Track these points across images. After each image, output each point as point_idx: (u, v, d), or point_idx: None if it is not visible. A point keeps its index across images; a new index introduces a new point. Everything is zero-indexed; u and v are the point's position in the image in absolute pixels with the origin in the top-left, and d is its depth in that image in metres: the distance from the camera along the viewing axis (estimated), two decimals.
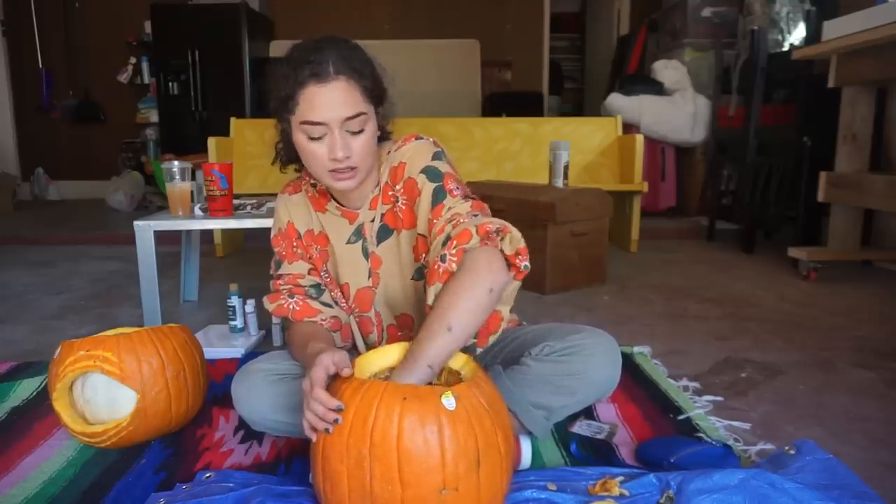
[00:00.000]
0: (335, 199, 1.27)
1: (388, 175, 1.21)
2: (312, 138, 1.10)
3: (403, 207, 1.20)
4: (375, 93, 1.13)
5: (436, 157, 1.18)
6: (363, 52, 1.14)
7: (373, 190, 1.23)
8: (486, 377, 1.02)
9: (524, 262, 1.06)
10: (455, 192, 1.14)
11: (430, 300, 1.05)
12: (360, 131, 1.11)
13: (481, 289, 1.02)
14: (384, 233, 1.24)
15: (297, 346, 1.21)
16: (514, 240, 1.06)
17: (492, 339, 1.12)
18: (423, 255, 1.20)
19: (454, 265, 1.03)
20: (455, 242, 1.03)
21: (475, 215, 1.10)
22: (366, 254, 1.26)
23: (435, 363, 1.00)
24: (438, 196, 1.14)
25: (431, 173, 1.16)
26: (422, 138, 1.21)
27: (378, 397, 0.90)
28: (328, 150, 1.10)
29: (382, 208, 1.23)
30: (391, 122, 1.24)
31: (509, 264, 1.06)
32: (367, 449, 0.88)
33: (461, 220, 1.08)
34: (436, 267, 1.04)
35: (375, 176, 1.22)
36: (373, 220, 1.24)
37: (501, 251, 1.06)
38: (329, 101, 1.07)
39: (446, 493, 0.88)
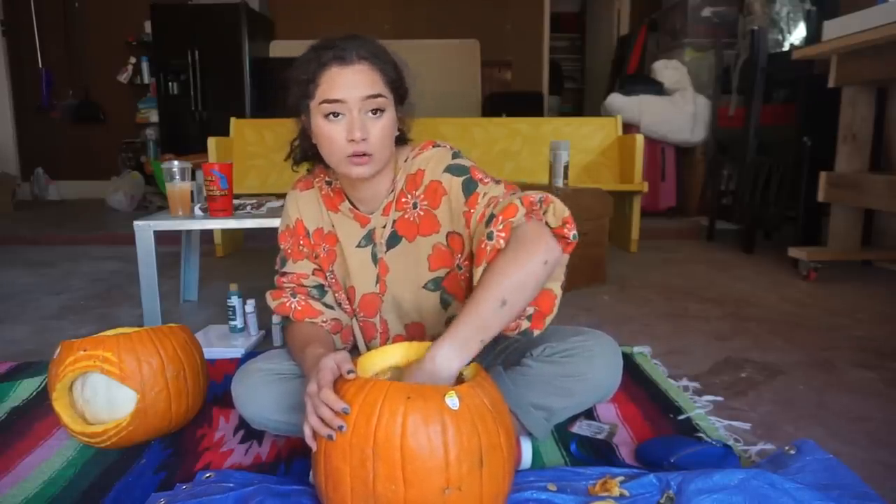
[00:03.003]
0: (349, 201, 1.25)
1: (404, 182, 1.20)
2: (331, 120, 1.09)
3: (422, 213, 1.19)
4: (396, 85, 1.14)
5: (455, 156, 1.18)
6: (386, 49, 1.16)
7: (387, 195, 1.22)
8: (488, 377, 1.02)
9: (572, 232, 1.04)
10: (485, 180, 1.14)
11: (476, 280, 1.02)
12: (380, 115, 1.10)
13: (535, 261, 0.99)
14: (394, 240, 1.22)
15: (297, 346, 1.21)
16: (559, 209, 1.05)
17: (548, 320, 1.09)
18: (458, 254, 1.19)
19: (503, 241, 1.01)
20: (501, 218, 1.01)
21: (513, 194, 1.09)
22: (375, 259, 1.25)
23: (487, 337, 0.97)
24: (470, 187, 1.13)
25: (455, 169, 1.16)
26: (438, 145, 1.21)
27: (382, 396, 0.90)
28: (346, 131, 1.09)
29: (395, 215, 1.21)
30: (410, 123, 1.24)
31: (557, 237, 1.05)
32: (371, 448, 0.88)
33: (500, 200, 1.07)
34: (483, 246, 1.02)
35: (391, 180, 1.21)
36: (384, 227, 1.22)
37: (546, 224, 1.04)
38: (350, 81, 1.08)
39: (449, 492, 0.88)
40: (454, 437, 0.88)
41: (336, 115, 1.09)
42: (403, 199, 1.20)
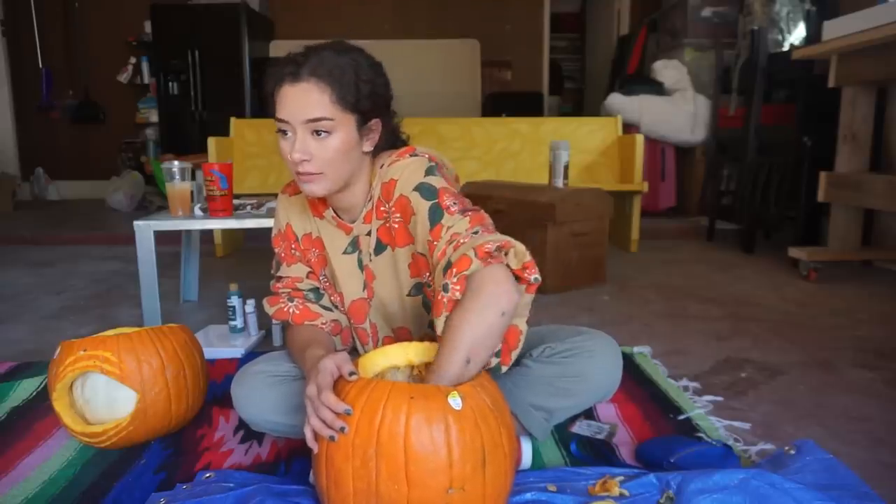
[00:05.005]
0: (333, 209, 1.25)
1: (379, 190, 1.18)
2: (282, 137, 1.10)
3: (396, 225, 1.17)
4: (357, 102, 1.08)
5: (429, 171, 1.13)
6: (359, 60, 1.10)
7: (365, 204, 1.20)
8: (488, 377, 1.02)
9: (533, 275, 1.02)
10: (452, 209, 1.09)
11: (439, 330, 1.01)
12: (325, 137, 1.08)
13: (493, 313, 0.98)
14: (380, 248, 1.22)
15: (297, 350, 1.21)
16: (519, 253, 1.02)
17: (514, 354, 1.08)
18: (426, 274, 1.18)
19: (458, 293, 0.99)
20: (455, 270, 0.99)
21: (475, 232, 1.05)
22: (361, 266, 1.25)
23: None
24: (435, 215, 1.09)
25: (425, 191, 1.11)
26: (416, 154, 1.17)
27: (385, 397, 0.90)
28: (290, 150, 1.09)
29: (376, 223, 1.20)
30: (398, 128, 1.22)
31: (517, 278, 1.03)
32: (374, 448, 0.88)
33: (461, 241, 1.04)
34: (440, 297, 1.01)
35: (367, 189, 1.19)
36: (368, 234, 1.22)
37: (507, 266, 1.02)
38: (294, 101, 1.07)
39: (453, 492, 0.88)
40: (458, 437, 0.88)
41: (285, 132, 1.09)
42: (382, 208, 1.19)
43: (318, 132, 1.07)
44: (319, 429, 0.92)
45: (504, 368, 1.09)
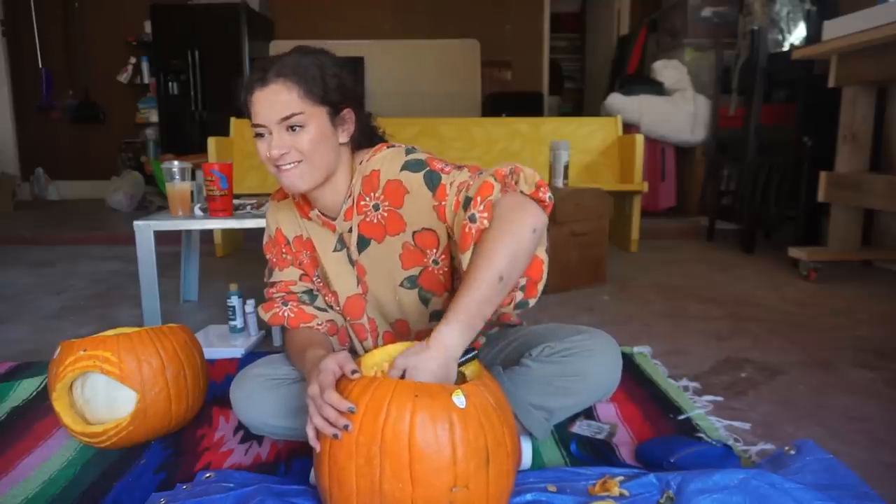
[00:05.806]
0: (317, 208, 1.26)
1: (360, 185, 1.19)
2: (259, 139, 1.14)
3: (386, 214, 1.18)
4: (325, 95, 1.12)
5: (409, 152, 1.17)
6: (322, 59, 1.14)
7: (345, 201, 1.21)
8: (490, 376, 1.02)
9: (547, 194, 1.05)
10: (447, 169, 1.13)
11: (465, 264, 1.03)
12: (299, 131, 1.11)
13: (524, 232, 1.00)
14: (363, 243, 1.22)
15: (296, 353, 1.21)
16: (529, 176, 1.06)
17: (540, 287, 1.10)
18: (430, 250, 1.18)
19: (486, 221, 1.01)
20: (480, 199, 1.01)
21: (480, 174, 1.09)
22: (351, 262, 1.26)
23: (489, 313, 0.99)
24: (433, 180, 1.12)
25: (413, 165, 1.15)
26: (393, 146, 1.20)
27: (389, 394, 0.90)
28: (267, 148, 1.12)
29: (357, 219, 1.21)
30: (375, 123, 1.26)
31: (534, 201, 1.05)
32: (378, 446, 0.88)
33: (470, 184, 1.07)
34: (466, 230, 1.02)
35: (347, 186, 1.21)
36: (350, 231, 1.23)
37: (521, 192, 1.05)
38: (265, 104, 1.11)
39: (457, 490, 0.88)
40: (462, 435, 0.88)
41: (261, 135, 1.13)
42: (362, 203, 1.20)
43: (292, 128, 1.11)
44: (322, 427, 0.92)
45: (532, 302, 1.10)
